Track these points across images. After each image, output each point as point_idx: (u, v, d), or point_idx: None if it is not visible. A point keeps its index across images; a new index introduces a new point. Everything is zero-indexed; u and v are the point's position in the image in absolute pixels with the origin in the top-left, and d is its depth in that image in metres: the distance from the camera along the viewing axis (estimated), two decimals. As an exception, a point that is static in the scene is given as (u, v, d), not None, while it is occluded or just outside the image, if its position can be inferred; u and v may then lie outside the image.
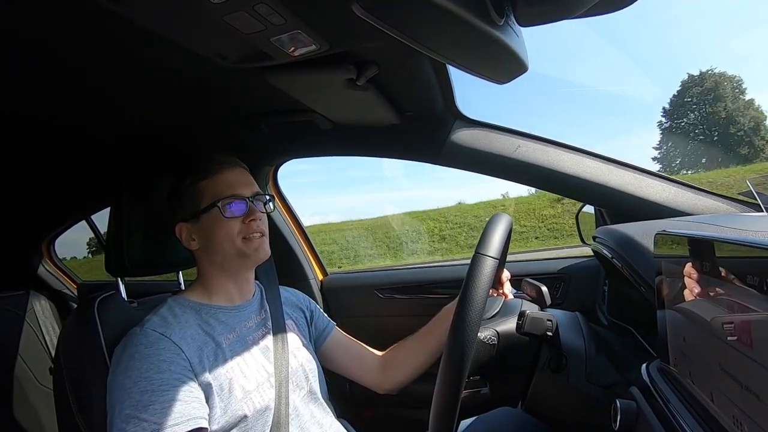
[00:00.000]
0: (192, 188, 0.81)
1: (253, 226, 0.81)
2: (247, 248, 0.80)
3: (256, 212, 0.82)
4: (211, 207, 0.79)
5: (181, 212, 0.82)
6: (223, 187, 0.81)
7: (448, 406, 0.54)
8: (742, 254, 0.36)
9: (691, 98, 20.17)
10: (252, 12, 0.55)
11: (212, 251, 0.81)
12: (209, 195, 0.80)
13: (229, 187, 0.81)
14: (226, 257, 0.81)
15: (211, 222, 0.80)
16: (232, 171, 0.83)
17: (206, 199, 0.80)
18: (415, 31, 0.56)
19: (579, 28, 70.93)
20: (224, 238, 0.79)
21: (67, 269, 2.13)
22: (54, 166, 1.30)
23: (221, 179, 0.81)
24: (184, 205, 0.82)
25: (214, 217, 0.79)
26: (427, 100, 0.98)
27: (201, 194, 0.81)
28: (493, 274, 0.57)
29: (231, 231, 0.79)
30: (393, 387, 0.95)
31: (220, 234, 0.79)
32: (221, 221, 0.79)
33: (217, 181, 0.81)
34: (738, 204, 0.92)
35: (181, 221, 0.82)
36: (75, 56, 0.70)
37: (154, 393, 0.65)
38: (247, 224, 0.80)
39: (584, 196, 1.06)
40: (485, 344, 0.68)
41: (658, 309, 0.53)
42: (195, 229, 0.82)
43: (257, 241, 0.81)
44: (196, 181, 0.81)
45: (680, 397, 0.47)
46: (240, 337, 0.80)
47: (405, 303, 1.37)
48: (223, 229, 0.79)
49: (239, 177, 0.83)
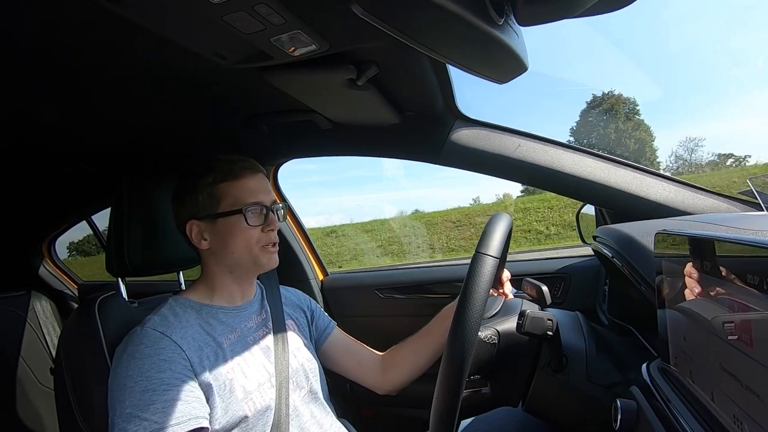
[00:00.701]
0: (212, 188, 0.80)
1: (271, 236, 0.81)
2: (262, 257, 0.81)
3: (275, 222, 0.82)
4: (235, 212, 0.78)
5: (193, 209, 0.80)
6: (246, 193, 0.80)
7: (449, 405, 0.54)
8: (743, 253, 0.36)
9: (592, 119, 20.35)
10: (252, 12, 0.55)
11: (224, 254, 0.80)
12: (230, 199, 0.79)
13: (252, 193, 0.80)
14: (238, 262, 0.81)
15: (230, 226, 0.79)
16: (254, 177, 0.82)
17: (227, 203, 0.79)
18: (415, 31, 0.56)
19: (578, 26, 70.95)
20: (242, 244, 0.79)
21: (68, 269, 2.13)
22: (54, 166, 1.30)
23: (244, 184, 0.80)
24: (199, 203, 0.80)
25: (235, 223, 0.78)
26: (427, 100, 0.98)
27: (221, 196, 0.79)
28: (494, 274, 0.57)
29: (250, 239, 0.79)
30: (393, 388, 0.95)
31: (238, 240, 0.79)
32: (243, 228, 0.78)
33: (240, 186, 0.80)
34: (738, 203, 0.92)
35: (193, 218, 0.81)
36: (74, 56, 0.70)
37: (155, 392, 0.65)
38: (266, 233, 0.81)
39: (585, 195, 1.06)
40: (486, 343, 0.68)
41: (658, 308, 0.53)
42: (209, 228, 0.80)
43: (272, 250, 0.82)
44: (217, 181, 0.80)
45: (681, 397, 0.47)
46: (241, 337, 0.80)
47: (405, 303, 1.37)
48: (243, 235, 0.79)
49: (261, 183, 0.83)
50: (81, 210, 1.82)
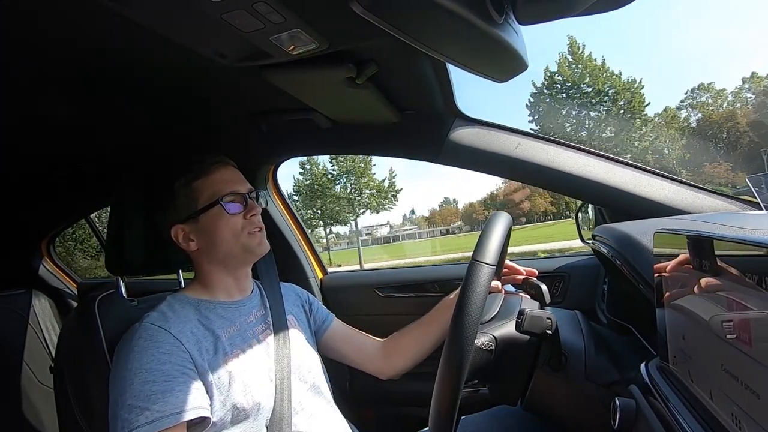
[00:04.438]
0: (186, 189, 0.81)
1: (254, 221, 0.82)
2: (251, 242, 0.82)
3: (256, 207, 0.84)
4: (212, 205, 0.79)
5: (174, 214, 0.82)
6: (220, 185, 0.81)
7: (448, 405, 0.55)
8: (741, 252, 0.36)
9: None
10: (251, 10, 0.55)
11: (214, 249, 0.81)
12: (207, 194, 0.80)
13: (226, 184, 0.82)
14: (229, 254, 0.81)
15: (212, 220, 0.80)
16: (225, 169, 0.84)
17: (204, 198, 0.80)
18: (415, 30, 0.56)
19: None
20: (229, 234, 0.80)
21: (67, 268, 2.13)
22: (54, 165, 1.30)
23: (216, 177, 0.82)
24: (178, 207, 0.81)
25: (216, 215, 0.80)
26: (426, 99, 0.98)
27: (197, 194, 0.81)
28: (490, 282, 0.57)
29: (235, 227, 0.80)
30: (395, 373, 0.97)
31: (224, 231, 0.80)
32: (224, 218, 0.80)
33: (213, 180, 0.81)
34: (737, 202, 0.92)
35: (176, 223, 0.82)
36: (74, 56, 0.70)
37: (155, 383, 0.66)
38: (248, 219, 0.82)
39: (584, 194, 1.06)
40: (483, 350, 0.68)
41: (657, 307, 0.53)
42: (193, 229, 0.81)
43: (259, 235, 0.83)
44: (190, 181, 0.81)
45: (679, 396, 0.47)
46: (240, 331, 0.81)
47: (404, 301, 1.37)
48: (227, 225, 0.80)
49: (233, 174, 0.85)
50: (81, 209, 1.82)
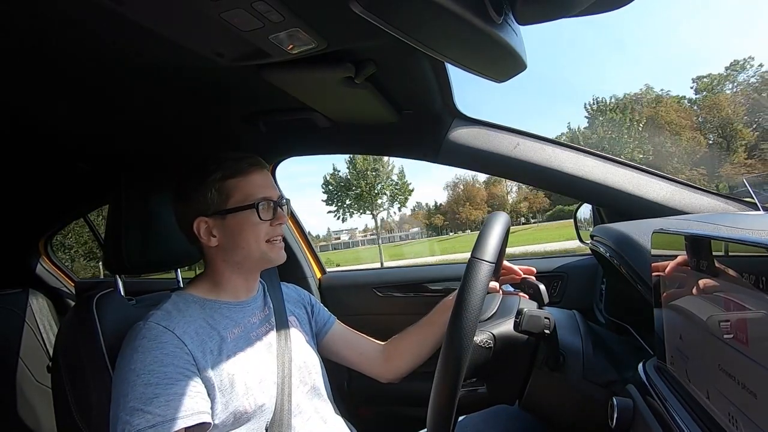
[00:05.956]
0: (220, 184, 0.79)
1: (278, 230, 0.82)
2: (270, 252, 0.81)
3: (284, 216, 0.83)
4: (245, 208, 0.78)
5: (201, 206, 0.80)
6: (255, 188, 0.80)
7: (446, 405, 0.55)
8: (739, 252, 0.36)
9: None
10: (250, 9, 0.55)
11: (234, 250, 0.80)
12: (240, 195, 0.79)
13: (261, 189, 0.81)
14: (247, 257, 0.81)
15: (240, 222, 0.79)
16: (261, 172, 0.83)
17: (236, 199, 0.79)
18: (414, 29, 0.56)
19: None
20: (252, 239, 0.79)
21: (65, 267, 2.13)
22: (52, 164, 1.29)
23: (252, 180, 0.81)
24: (208, 200, 0.80)
25: (246, 218, 0.79)
26: (425, 99, 0.98)
27: (230, 192, 0.79)
28: (489, 279, 0.57)
29: (260, 233, 0.80)
30: (396, 376, 0.97)
31: (248, 235, 0.79)
32: (253, 223, 0.79)
33: (249, 182, 0.80)
34: (735, 202, 0.93)
35: (201, 215, 0.80)
36: (73, 55, 0.70)
37: (158, 386, 0.66)
38: (274, 227, 0.81)
39: (582, 194, 1.06)
40: (481, 348, 0.68)
41: (655, 307, 0.53)
42: (218, 225, 0.80)
43: (279, 245, 0.83)
44: (225, 177, 0.80)
45: (677, 395, 0.47)
46: (244, 333, 0.80)
47: (403, 301, 1.37)
48: (252, 230, 0.79)
49: (267, 179, 0.84)
50: (79, 208, 1.81)
